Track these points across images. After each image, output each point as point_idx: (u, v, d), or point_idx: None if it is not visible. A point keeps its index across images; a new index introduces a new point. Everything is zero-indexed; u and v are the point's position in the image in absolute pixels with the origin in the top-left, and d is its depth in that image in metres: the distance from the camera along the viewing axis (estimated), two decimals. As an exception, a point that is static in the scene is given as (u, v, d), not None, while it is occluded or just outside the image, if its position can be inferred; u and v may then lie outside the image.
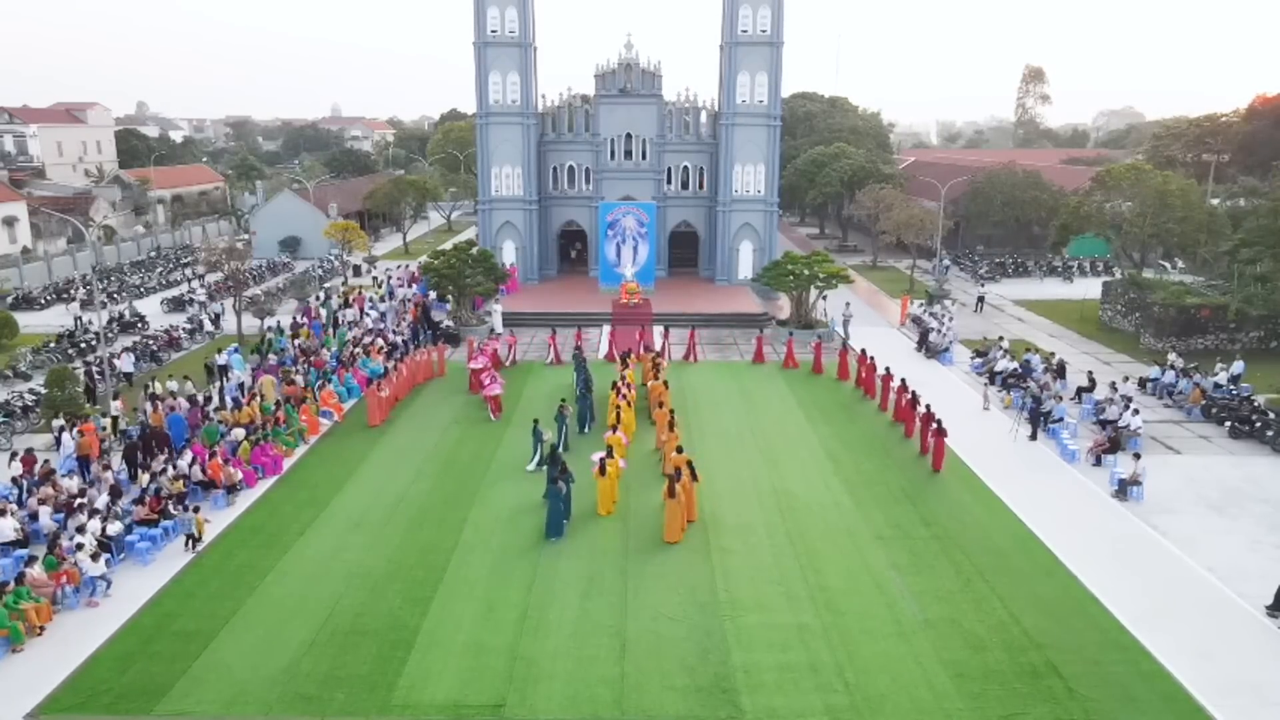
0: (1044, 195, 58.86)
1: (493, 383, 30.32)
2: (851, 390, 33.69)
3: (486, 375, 30.75)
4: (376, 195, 67.45)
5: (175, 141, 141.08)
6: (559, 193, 51.85)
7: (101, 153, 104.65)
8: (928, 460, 26.42)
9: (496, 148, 49.39)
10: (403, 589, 19.18)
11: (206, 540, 21.23)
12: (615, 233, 47.75)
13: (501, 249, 50.78)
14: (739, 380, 34.64)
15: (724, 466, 25.93)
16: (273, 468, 25.12)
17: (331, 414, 29.77)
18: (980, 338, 40.51)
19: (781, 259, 41.88)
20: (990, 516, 22.80)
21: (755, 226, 49.89)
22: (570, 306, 45.01)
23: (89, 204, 69.11)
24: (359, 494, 24.18)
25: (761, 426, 29.48)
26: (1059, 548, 20.85)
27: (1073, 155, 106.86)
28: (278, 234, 64.96)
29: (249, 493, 24.03)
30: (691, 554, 20.73)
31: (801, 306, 41.48)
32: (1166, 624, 17.68)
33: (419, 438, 28.40)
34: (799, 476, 25.32)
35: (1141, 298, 40.86)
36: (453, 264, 40.45)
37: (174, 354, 38.16)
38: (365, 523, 22.35)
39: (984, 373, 35.01)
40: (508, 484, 24.82)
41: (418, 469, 25.85)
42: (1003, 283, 55.87)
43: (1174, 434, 28.78)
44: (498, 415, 29.81)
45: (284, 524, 22.26)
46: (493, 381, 30.41)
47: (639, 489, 24.15)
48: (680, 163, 51.09)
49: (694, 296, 47.61)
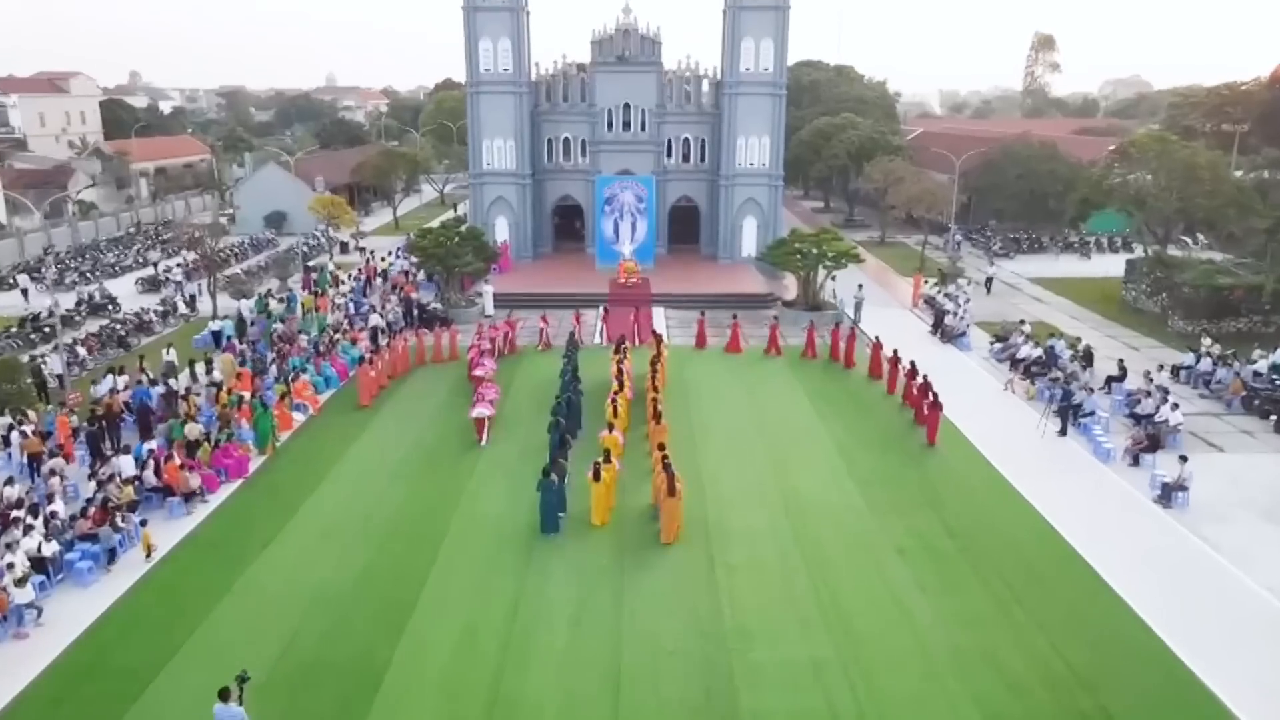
0: (1061, 168, 56.32)
1: (480, 401, 25.86)
2: (862, 378, 31.57)
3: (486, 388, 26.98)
4: (365, 168, 64.89)
5: (164, 112, 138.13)
6: (554, 166, 49.39)
7: (86, 124, 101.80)
8: (947, 458, 24.41)
9: (488, 119, 46.87)
10: (373, 613, 17.19)
11: (158, 555, 19.22)
12: (613, 209, 45.40)
13: (494, 225, 48.44)
14: (742, 367, 32.47)
15: (728, 464, 23.91)
16: (237, 469, 23.04)
17: (306, 407, 27.66)
18: (999, 320, 38.32)
19: (788, 237, 39.59)
20: (1021, 525, 20.76)
21: (759, 201, 47.49)
22: (565, 286, 42.76)
23: (67, 177, 66.58)
24: (331, 498, 22.14)
25: (767, 419, 27.41)
26: (1100, 563, 18.83)
27: (1084, 125, 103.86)
28: (262, 209, 62.48)
29: (211, 497, 21.99)
30: (693, 570, 18.72)
31: (809, 287, 39.23)
32: (1233, 661, 15.64)
33: (399, 433, 26.32)
34: (809, 476, 23.28)
35: (1169, 277, 38.62)
36: (440, 242, 38.18)
37: (144, 339, 35.94)
38: (336, 533, 20.33)
39: (1004, 359, 32.88)
40: (493, 485, 22.77)
41: (397, 469, 23.80)
42: (1017, 259, 53.57)
43: (1214, 429, 26.69)
44: (484, 439, 25.39)
45: (245, 535, 20.23)
46: (480, 401, 25.89)
47: (635, 491, 22.09)
48: (681, 134, 48.58)
49: (695, 276, 45.34)
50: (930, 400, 26.16)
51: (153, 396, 26.79)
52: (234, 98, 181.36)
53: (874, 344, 32.26)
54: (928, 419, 25.99)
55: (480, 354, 29.66)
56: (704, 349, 34.53)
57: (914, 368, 28.91)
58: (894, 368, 30.26)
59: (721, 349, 34.36)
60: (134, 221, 63.56)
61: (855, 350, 32.83)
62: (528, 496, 21.02)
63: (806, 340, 33.90)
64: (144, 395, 26.98)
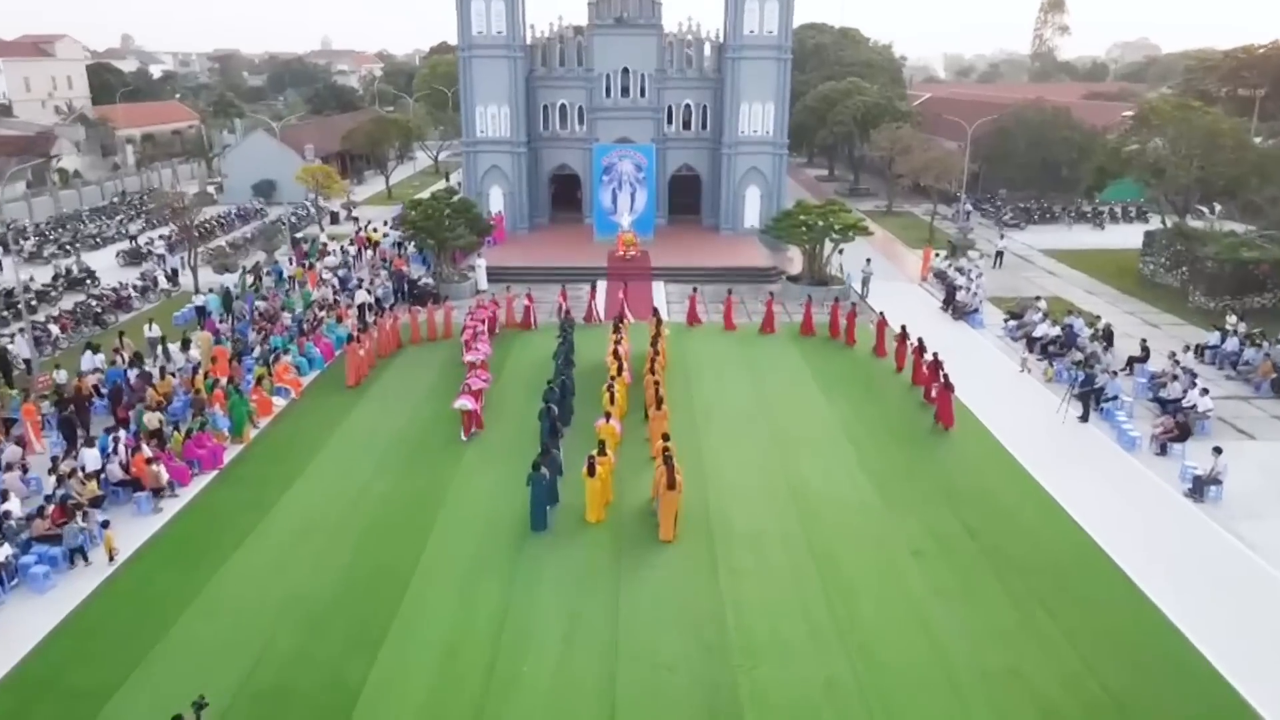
0: (1075, 135, 54.42)
1: (464, 393, 23.55)
2: (866, 356, 30.15)
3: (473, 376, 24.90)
4: (356, 135, 62.89)
5: (155, 76, 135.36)
6: (550, 134, 47.57)
7: (73, 88, 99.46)
8: (962, 446, 23.10)
9: (481, 84, 44.99)
10: (348, 626, 15.91)
11: (121, 558, 17.94)
12: (611, 178, 43.67)
13: (488, 195, 46.78)
14: (746, 347, 31.03)
15: (731, 455, 22.56)
16: (210, 461, 21.70)
17: (288, 391, 26.27)
18: (1012, 296, 36.87)
19: (793, 208, 37.93)
20: (1044, 522, 19.45)
21: (763, 170, 45.74)
22: (562, 259, 41.23)
23: (50, 144, 64.62)
24: (309, 493, 20.81)
25: (772, 404, 26.01)
26: (1131, 566, 17.54)
27: (1093, 90, 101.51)
28: (251, 178, 60.62)
29: (182, 491, 20.67)
30: (695, 575, 17.44)
31: (815, 261, 37.66)
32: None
33: (385, 419, 24.95)
34: (818, 468, 21.93)
35: (1190, 250, 37.05)
36: (431, 214, 36.53)
37: (122, 315, 34.46)
38: (313, 532, 19.01)
39: (1019, 337, 31.44)
40: (482, 477, 21.44)
41: (380, 459, 22.43)
42: (1029, 230, 51.88)
43: (1243, 413, 25.32)
44: (469, 433, 23.74)
45: (217, 535, 18.92)
46: (464, 392, 23.59)
47: (633, 483, 20.78)
48: (682, 100, 46.71)
49: (696, 247, 43.74)
50: (941, 382, 24.89)
51: (127, 378, 25.42)
52: (227, 62, 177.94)
53: (879, 320, 30.87)
54: (938, 401, 24.75)
55: (474, 336, 28.22)
56: (696, 327, 33.04)
57: (922, 345, 27.56)
58: (901, 345, 28.94)
59: (718, 327, 32.88)
60: (118, 191, 61.69)
61: (856, 327, 31.40)
62: (518, 489, 19.71)
63: (804, 317, 32.43)
64: (117, 377, 25.64)
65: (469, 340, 27.81)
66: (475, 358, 26.41)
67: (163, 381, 25.58)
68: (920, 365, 27.25)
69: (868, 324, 31.73)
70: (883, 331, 30.34)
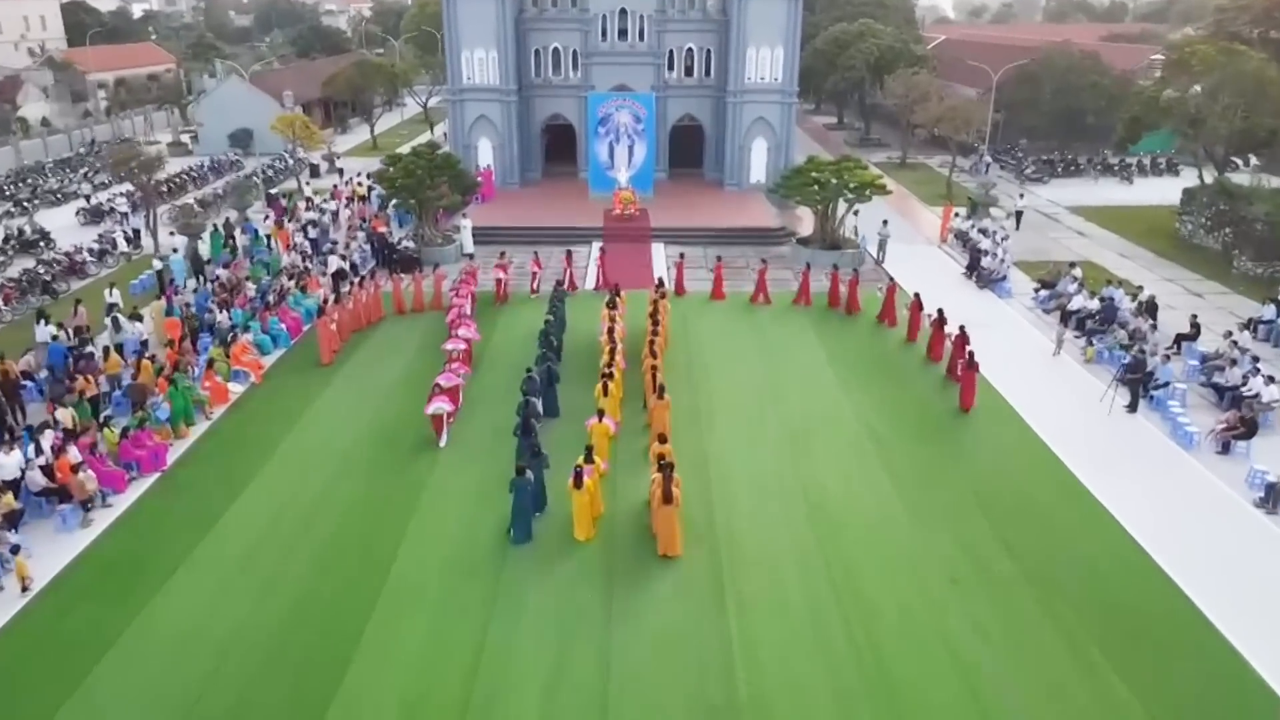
0: (1105, 81, 50.97)
1: (436, 394, 20.41)
2: (884, 331, 27.55)
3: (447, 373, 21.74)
4: (337, 81, 59.29)
5: (135, 16, 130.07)
6: (542, 81, 44.22)
7: (46, 29, 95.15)
8: (996, 441, 20.66)
9: (467, 26, 41.55)
10: (297, 672, 13.60)
11: (39, 586, 15.56)
12: (607, 130, 40.48)
13: (476, 148, 43.67)
14: (752, 322, 28.37)
15: (740, 455, 20.06)
16: (151, 462, 19.21)
17: (247, 374, 23.70)
18: (1040, 260, 34.10)
19: (805, 164, 34.88)
20: (1094, 538, 17.04)
21: (770, 121, 42.50)
22: (554, 219, 38.30)
23: (16, 90, 61.11)
24: (263, 501, 18.37)
25: (783, 389, 23.45)
26: (1206, 600, 15.15)
27: (1113, 31, 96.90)
28: (227, 127, 57.28)
29: (117, 499, 18.25)
30: (699, 608, 15.06)
31: (827, 222, 34.76)
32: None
33: (353, 409, 22.42)
34: (836, 472, 19.45)
35: (1235, 210, 34.14)
36: (411, 171, 33.54)
37: (75, 283, 31.72)
38: (262, 553, 16.59)
39: (1052, 309, 28.79)
40: (460, 479, 18.99)
41: (345, 459, 19.94)
42: (1051, 184, 48.78)
43: (1307, 402, 22.76)
44: (442, 438, 20.41)
45: (150, 556, 16.51)
46: (436, 394, 20.41)
47: (630, 483, 18.40)
48: (684, 44, 43.28)
49: (698, 205, 40.76)
50: (965, 360, 22.53)
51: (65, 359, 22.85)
52: (214, 0, 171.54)
53: (889, 286, 28.30)
54: (963, 380, 22.52)
55: (459, 316, 25.18)
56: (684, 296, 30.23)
57: (942, 317, 25.00)
58: (916, 315, 26.41)
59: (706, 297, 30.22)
60: (85, 140, 58.26)
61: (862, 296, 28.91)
62: (500, 493, 17.30)
63: (801, 285, 29.70)
64: (58, 356, 23.09)
65: (453, 321, 25.03)
66: (456, 346, 23.57)
67: (108, 361, 23.04)
68: (941, 340, 24.71)
69: (875, 291, 29.04)
70: (892, 299, 27.76)
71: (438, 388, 20.45)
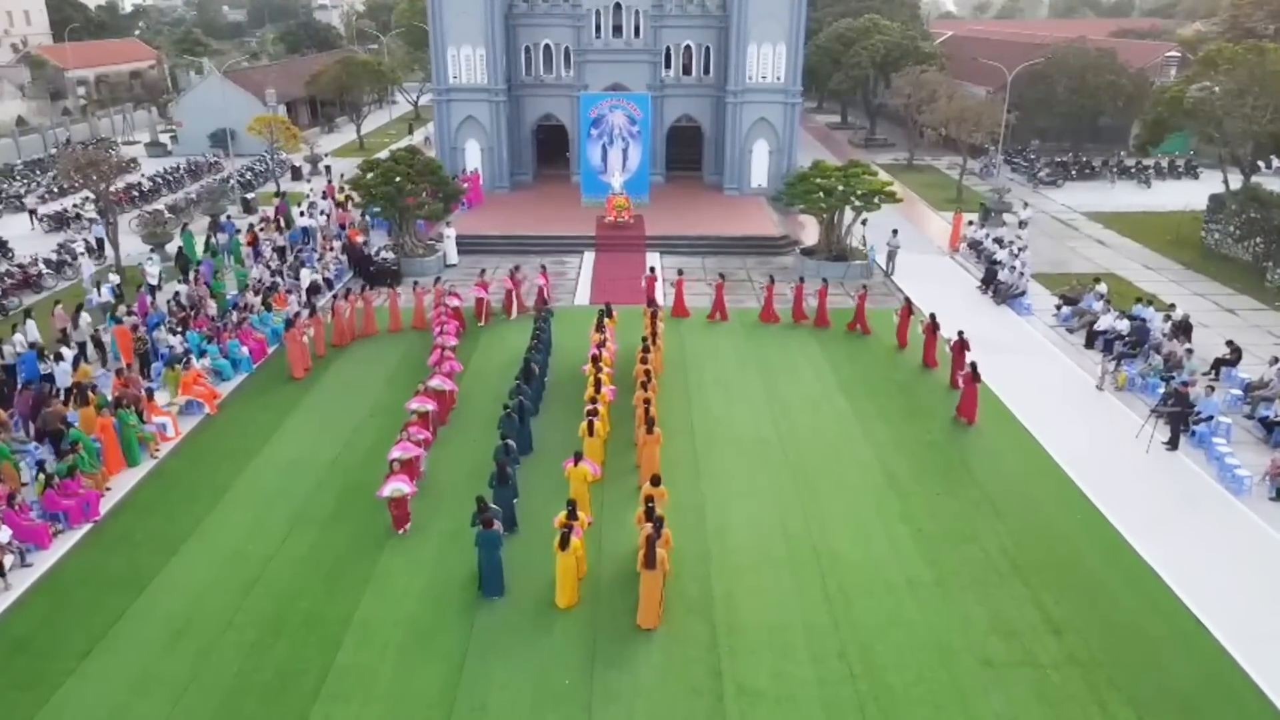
0: (1122, 80, 48.79)
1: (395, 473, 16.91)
2: (899, 355, 25.43)
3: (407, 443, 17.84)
4: (322, 79, 57.05)
5: (124, 11, 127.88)
6: (532, 79, 42.12)
7: (31, 24, 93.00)
8: (1030, 489, 18.52)
9: (453, 21, 39.44)
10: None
11: (-69, 672, 13.50)
12: (600, 131, 38.36)
13: (464, 150, 41.57)
14: (755, 345, 26.21)
15: (741, 502, 17.97)
16: (80, 513, 17.11)
17: (200, 406, 21.58)
18: (1057, 272, 32.01)
19: (809, 169, 32.71)
20: (1147, 609, 14.94)
21: (772, 122, 40.40)
22: (542, 227, 36.18)
23: (-10, 89, 58.92)
24: (201, 560, 16.25)
25: (792, 427, 21.26)
26: (1267, 680, 13.10)
27: (1122, 27, 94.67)
28: (207, 126, 55.07)
29: (39, 556, 16.15)
30: (694, 697, 12.98)
31: (833, 231, 32.62)
32: None
33: (314, 446, 20.28)
34: (851, 524, 17.32)
35: (1268, 218, 32.04)
36: (389, 178, 31.37)
37: (27, 297, 29.54)
38: (193, 630, 14.43)
39: (1078, 328, 26.70)
40: (425, 534, 16.86)
41: (300, 509, 17.82)
42: (1065, 188, 46.62)
43: (1366, 439, 20.68)
44: (402, 528, 16.95)
45: (66, 632, 14.41)
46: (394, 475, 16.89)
47: (616, 535, 16.35)
48: (682, 41, 41.16)
49: (696, 212, 38.61)
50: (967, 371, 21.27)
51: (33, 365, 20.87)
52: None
53: (903, 307, 26.10)
54: (964, 392, 21.31)
55: (442, 355, 21.96)
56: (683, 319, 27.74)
57: (963, 340, 22.89)
58: (931, 337, 24.34)
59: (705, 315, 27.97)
60: (59, 141, 55.93)
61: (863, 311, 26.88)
62: (470, 548, 15.22)
63: (818, 307, 27.45)
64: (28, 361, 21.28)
65: (435, 360, 21.88)
66: (422, 406, 19.47)
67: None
68: (961, 365, 22.53)
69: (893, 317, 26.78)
70: (906, 321, 25.63)
71: (395, 464, 17.39)
